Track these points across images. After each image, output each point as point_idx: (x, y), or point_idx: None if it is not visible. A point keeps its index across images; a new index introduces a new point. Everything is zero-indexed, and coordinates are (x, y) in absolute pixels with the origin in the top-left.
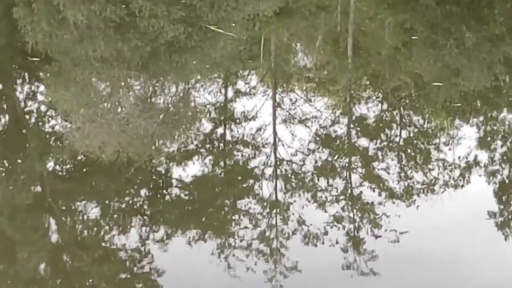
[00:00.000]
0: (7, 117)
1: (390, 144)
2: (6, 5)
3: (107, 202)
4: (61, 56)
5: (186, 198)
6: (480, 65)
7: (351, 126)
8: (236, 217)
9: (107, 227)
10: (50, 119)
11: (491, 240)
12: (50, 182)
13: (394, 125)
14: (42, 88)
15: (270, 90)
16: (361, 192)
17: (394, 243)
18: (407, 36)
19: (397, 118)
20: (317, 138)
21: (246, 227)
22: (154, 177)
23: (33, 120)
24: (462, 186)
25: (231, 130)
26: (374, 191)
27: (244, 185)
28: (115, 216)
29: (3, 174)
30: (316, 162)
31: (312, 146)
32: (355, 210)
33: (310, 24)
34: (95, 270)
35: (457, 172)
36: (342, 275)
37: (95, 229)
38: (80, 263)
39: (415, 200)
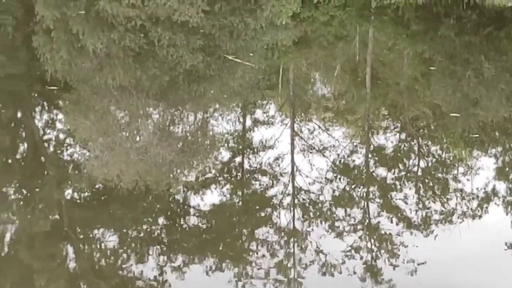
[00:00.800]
0: (25, 145)
1: (408, 174)
2: (25, 33)
3: (124, 230)
4: (80, 85)
5: (204, 227)
6: (499, 95)
7: (369, 156)
8: (254, 246)
9: (124, 256)
10: (68, 147)
11: (510, 272)
12: (68, 210)
13: (412, 155)
14: (60, 116)
15: (288, 120)
16: (379, 222)
17: (412, 273)
18: (425, 66)
19: (415, 148)
20: (335, 168)
21: (263, 256)
22: (172, 206)
23: (51, 148)
24: (481, 216)
25: (249, 159)
26: (392, 221)
27: (262, 214)
28: (133, 244)
29: (21, 202)
30: (334, 191)
31: (330, 175)
32: (373, 240)
33: (328, 53)
34: None
35: (475, 203)
36: None
37: (112, 257)
38: None
39: (433, 230)
